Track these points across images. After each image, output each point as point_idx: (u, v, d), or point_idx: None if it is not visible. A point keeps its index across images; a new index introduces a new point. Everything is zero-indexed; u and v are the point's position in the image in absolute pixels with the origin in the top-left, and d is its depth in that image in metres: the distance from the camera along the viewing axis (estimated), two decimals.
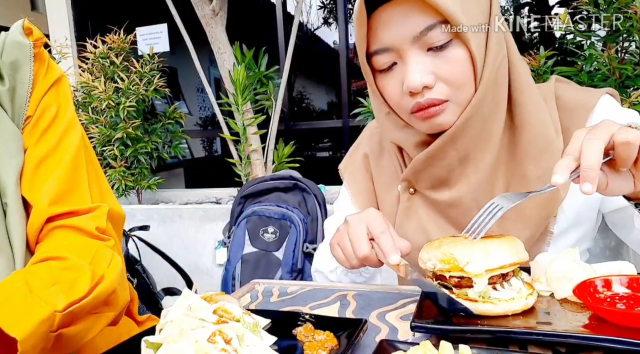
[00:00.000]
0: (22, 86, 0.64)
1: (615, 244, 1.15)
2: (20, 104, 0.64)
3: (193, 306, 0.51)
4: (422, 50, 0.72)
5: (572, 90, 0.83)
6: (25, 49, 0.65)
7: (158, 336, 0.49)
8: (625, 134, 0.53)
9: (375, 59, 0.77)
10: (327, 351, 0.53)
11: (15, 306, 0.50)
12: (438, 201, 0.81)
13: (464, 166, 0.78)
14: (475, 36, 0.71)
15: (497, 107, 0.76)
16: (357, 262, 0.71)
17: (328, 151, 5.94)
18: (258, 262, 2.08)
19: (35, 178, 0.62)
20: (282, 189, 2.17)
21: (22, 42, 0.65)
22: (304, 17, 4.46)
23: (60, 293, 0.53)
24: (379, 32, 0.74)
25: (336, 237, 0.75)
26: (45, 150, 0.64)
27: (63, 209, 0.62)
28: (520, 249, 0.59)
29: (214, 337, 0.45)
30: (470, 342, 0.48)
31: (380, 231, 0.68)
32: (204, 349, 0.44)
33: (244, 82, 2.71)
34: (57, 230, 0.62)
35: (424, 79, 0.71)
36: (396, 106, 0.79)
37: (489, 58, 0.73)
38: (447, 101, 0.73)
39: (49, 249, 0.60)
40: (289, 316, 0.64)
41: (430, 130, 0.77)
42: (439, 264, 0.58)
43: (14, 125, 0.62)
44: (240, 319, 0.51)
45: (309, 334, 0.56)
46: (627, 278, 0.56)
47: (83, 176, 0.66)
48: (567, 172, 0.54)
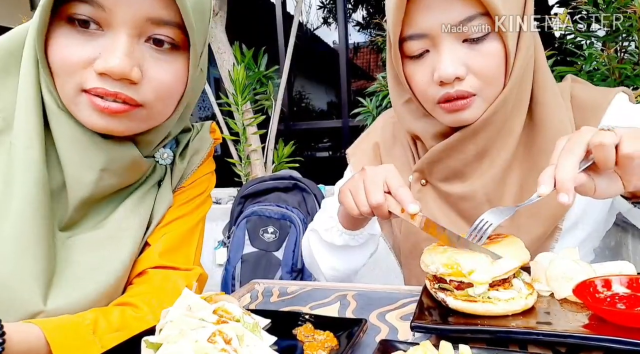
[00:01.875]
0: (191, 166, 0.78)
1: (615, 244, 1.16)
2: (183, 176, 0.77)
3: (193, 306, 0.51)
4: (458, 40, 0.71)
5: (586, 90, 0.83)
6: (207, 142, 0.80)
7: (158, 336, 0.48)
8: (599, 137, 0.54)
9: (407, 44, 0.75)
10: (327, 351, 0.52)
11: (74, 342, 0.55)
12: (450, 194, 0.82)
13: (480, 160, 0.78)
14: (512, 32, 0.71)
15: (520, 104, 0.76)
16: (367, 209, 0.71)
17: (328, 151, 5.94)
18: (258, 263, 2.08)
19: (163, 230, 0.72)
20: (282, 189, 2.17)
21: (207, 137, 0.81)
22: (303, 17, 4.46)
23: (119, 340, 0.57)
24: (417, 17, 0.72)
25: (349, 184, 0.75)
26: (181, 213, 0.75)
27: (168, 263, 0.70)
28: (522, 251, 0.59)
29: (214, 337, 0.45)
30: (470, 342, 0.48)
31: (398, 184, 0.69)
32: (204, 349, 0.44)
33: (243, 82, 2.71)
34: (152, 276, 0.69)
35: (457, 70, 0.71)
36: (422, 94, 0.78)
37: (520, 55, 0.73)
38: (475, 95, 0.73)
39: (132, 294, 0.66)
40: (289, 316, 0.64)
41: (453, 123, 0.77)
42: (442, 268, 0.58)
43: (171, 194, 0.75)
44: (240, 319, 0.51)
45: (309, 334, 0.56)
46: (627, 278, 0.56)
47: (195, 241, 0.77)
48: (552, 181, 0.55)
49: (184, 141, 0.77)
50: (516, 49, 0.73)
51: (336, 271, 0.95)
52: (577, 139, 0.56)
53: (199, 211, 0.79)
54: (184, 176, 0.77)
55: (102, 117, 0.58)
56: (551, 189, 0.55)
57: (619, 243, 1.10)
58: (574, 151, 0.55)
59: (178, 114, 0.67)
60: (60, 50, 0.55)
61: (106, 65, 0.54)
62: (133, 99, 0.58)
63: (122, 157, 0.63)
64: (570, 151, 0.55)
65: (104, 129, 0.59)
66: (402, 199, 0.67)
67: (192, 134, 0.79)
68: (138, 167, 0.68)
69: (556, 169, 0.55)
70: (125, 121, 0.60)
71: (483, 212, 0.78)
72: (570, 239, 0.79)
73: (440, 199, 0.84)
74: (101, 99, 0.57)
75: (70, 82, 0.56)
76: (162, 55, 0.59)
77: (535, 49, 0.77)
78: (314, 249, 0.97)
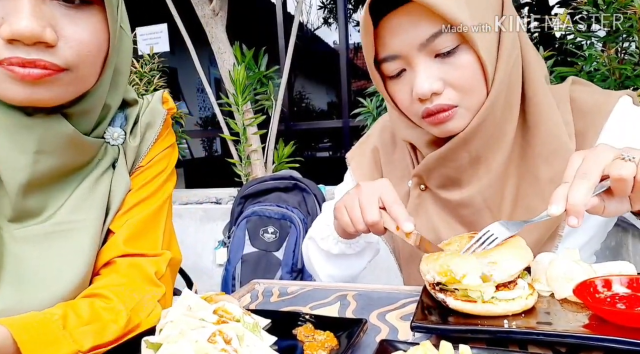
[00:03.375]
0: (145, 143, 0.73)
1: (615, 244, 1.15)
2: (138, 155, 0.73)
3: (193, 306, 0.51)
4: (429, 56, 0.72)
5: (588, 92, 0.81)
6: (160, 114, 0.75)
7: (158, 336, 0.49)
8: (618, 169, 0.53)
9: (384, 66, 0.77)
10: (327, 351, 0.52)
11: (44, 339, 0.52)
12: (448, 200, 0.81)
13: (476, 166, 0.78)
14: (484, 40, 0.70)
15: (511, 107, 0.75)
16: (363, 227, 0.72)
17: (328, 151, 5.95)
18: (258, 263, 2.08)
19: (125, 216, 0.69)
20: (282, 189, 2.17)
21: (159, 108, 0.75)
22: (304, 17, 4.46)
23: (91, 333, 0.56)
24: (387, 40, 0.74)
25: (344, 200, 0.76)
26: (143, 196, 0.72)
27: (134, 250, 0.67)
28: (525, 251, 0.58)
29: (214, 337, 0.45)
30: (470, 342, 0.48)
31: (392, 201, 0.70)
32: (204, 349, 0.44)
33: (244, 82, 2.71)
34: (119, 265, 0.66)
35: (432, 86, 0.71)
36: (406, 110, 0.79)
37: (502, 60, 0.72)
38: (456, 106, 0.73)
39: (99, 285, 0.64)
40: (289, 316, 0.64)
41: (442, 134, 0.77)
42: (437, 276, 0.58)
43: (128, 176, 0.71)
44: (240, 320, 0.51)
45: (309, 334, 0.56)
46: (627, 278, 0.56)
47: (161, 224, 0.73)
48: (564, 202, 0.55)
49: (133, 115, 0.72)
50: (497, 53, 0.72)
51: (334, 278, 0.95)
52: (593, 161, 0.55)
53: (162, 191, 0.74)
54: (139, 155, 0.72)
55: (24, 87, 0.52)
56: (562, 210, 0.55)
57: (619, 243, 1.10)
58: (590, 177, 0.54)
59: (107, 78, 0.63)
60: None
61: (13, 28, 0.49)
62: (54, 63, 0.53)
63: (55, 135, 0.58)
64: (586, 176, 0.54)
65: (28, 100, 0.54)
66: (397, 217, 0.68)
67: (142, 108, 0.74)
68: (79, 146, 0.62)
69: (569, 192, 0.54)
70: (52, 87, 0.54)
71: (482, 218, 0.78)
72: (571, 244, 0.79)
73: (439, 205, 0.84)
74: (20, 67, 0.51)
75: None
76: (74, 12, 0.54)
77: (522, 48, 0.76)
78: (311, 257, 0.97)
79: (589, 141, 0.75)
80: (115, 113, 0.70)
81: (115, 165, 0.70)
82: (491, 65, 0.72)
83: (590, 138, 0.75)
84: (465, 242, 0.64)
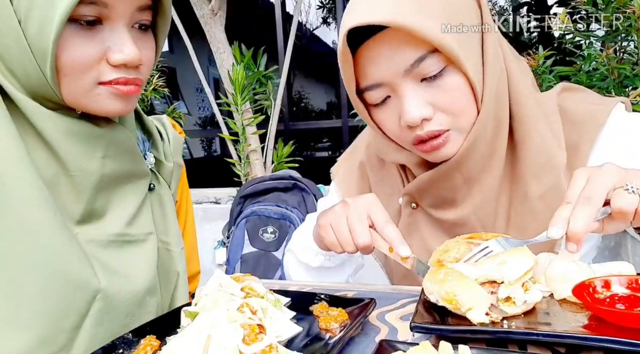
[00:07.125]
0: (177, 171, 0.79)
1: (614, 245, 1.16)
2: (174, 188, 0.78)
3: (224, 283, 0.59)
4: (415, 81, 0.68)
5: (580, 101, 0.77)
6: (180, 142, 0.81)
7: (195, 307, 0.57)
8: (620, 202, 0.53)
9: (367, 95, 0.73)
10: (339, 323, 0.58)
11: None
12: (442, 220, 0.79)
13: (469, 186, 0.75)
14: (471, 58, 0.68)
15: (500, 123, 0.73)
16: (353, 249, 0.69)
17: (327, 151, 5.95)
18: (257, 263, 2.08)
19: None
20: (281, 189, 2.17)
21: (178, 136, 0.81)
22: (303, 16, 4.46)
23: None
24: (368, 69, 0.70)
25: (330, 217, 0.72)
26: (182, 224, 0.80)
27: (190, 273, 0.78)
28: (527, 251, 0.58)
29: (242, 308, 0.53)
30: (470, 342, 0.48)
31: (384, 221, 0.67)
32: (234, 316, 0.51)
33: (243, 82, 2.71)
34: None
35: (422, 112, 0.68)
36: (396, 137, 0.76)
37: (488, 76, 0.69)
38: (448, 130, 0.70)
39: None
40: (306, 295, 0.68)
41: (435, 160, 0.74)
42: (441, 301, 0.56)
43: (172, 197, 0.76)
44: (264, 296, 0.58)
45: (323, 311, 0.62)
46: (627, 278, 0.56)
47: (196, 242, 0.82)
48: (565, 226, 0.54)
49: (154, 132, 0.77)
50: (482, 69, 0.69)
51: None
52: (598, 186, 0.54)
53: (190, 213, 0.84)
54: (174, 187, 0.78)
55: (122, 101, 0.62)
56: (562, 234, 0.54)
57: (619, 243, 1.10)
58: (594, 203, 0.54)
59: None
60: (71, 52, 0.57)
61: (125, 57, 0.59)
62: (141, 80, 0.63)
63: (119, 142, 0.66)
64: (589, 202, 0.54)
65: (123, 112, 0.63)
66: (391, 240, 0.65)
67: (161, 129, 0.79)
68: (135, 153, 0.68)
69: (572, 218, 0.54)
70: (135, 99, 0.65)
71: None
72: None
73: (432, 225, 0.81)
74: (124, 85, 0.61)
75: (86, 78, 0.59)
76: (144, 36, 0.64)
77: (504, 58, 0.73)
78: (290, 269, 0.93)
79: (583, 153, 0.73)
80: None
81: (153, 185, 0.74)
82: (479, 83, 0.69)
83: (584, 150, 0.73)
84: (464, 248, 0.61)
